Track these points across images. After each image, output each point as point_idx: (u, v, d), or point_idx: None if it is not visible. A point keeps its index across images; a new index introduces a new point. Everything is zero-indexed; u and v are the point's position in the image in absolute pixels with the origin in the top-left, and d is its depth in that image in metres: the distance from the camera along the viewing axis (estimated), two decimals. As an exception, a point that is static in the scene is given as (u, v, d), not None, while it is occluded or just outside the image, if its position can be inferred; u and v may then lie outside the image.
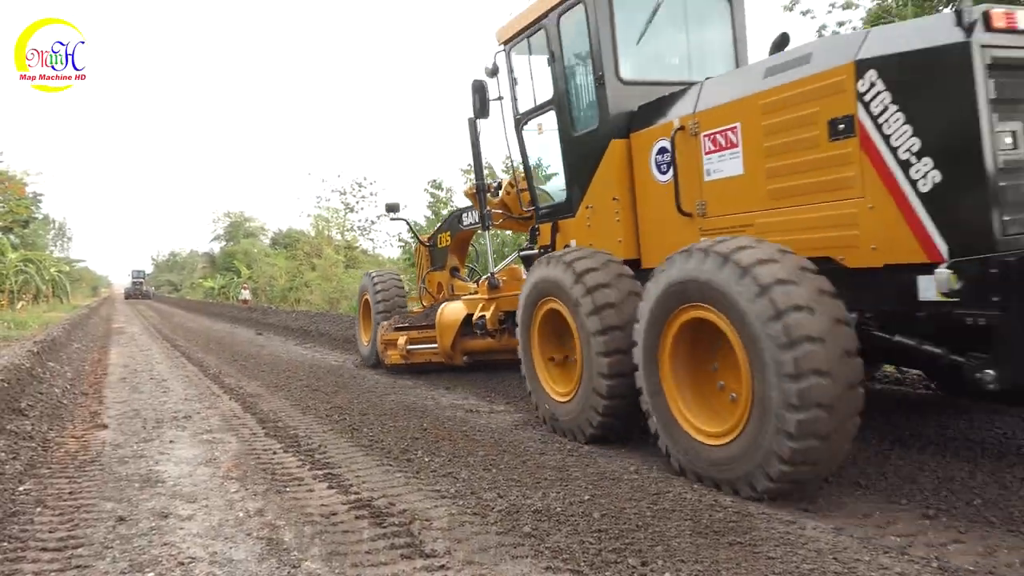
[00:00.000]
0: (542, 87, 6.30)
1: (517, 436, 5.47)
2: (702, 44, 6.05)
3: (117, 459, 5.13)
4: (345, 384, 8.45)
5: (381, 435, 5.62)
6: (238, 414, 6.82)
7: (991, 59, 3.37)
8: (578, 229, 6.04)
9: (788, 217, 4.24)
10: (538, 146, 6.59)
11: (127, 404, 7.52)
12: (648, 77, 5.69)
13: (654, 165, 5.25)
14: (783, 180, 4.24)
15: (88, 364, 11.38)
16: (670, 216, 5.05)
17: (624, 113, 5.49)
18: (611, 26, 5.47)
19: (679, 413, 4.23)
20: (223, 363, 11.29)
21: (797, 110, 4.10)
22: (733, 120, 4.54)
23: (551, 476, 4.34)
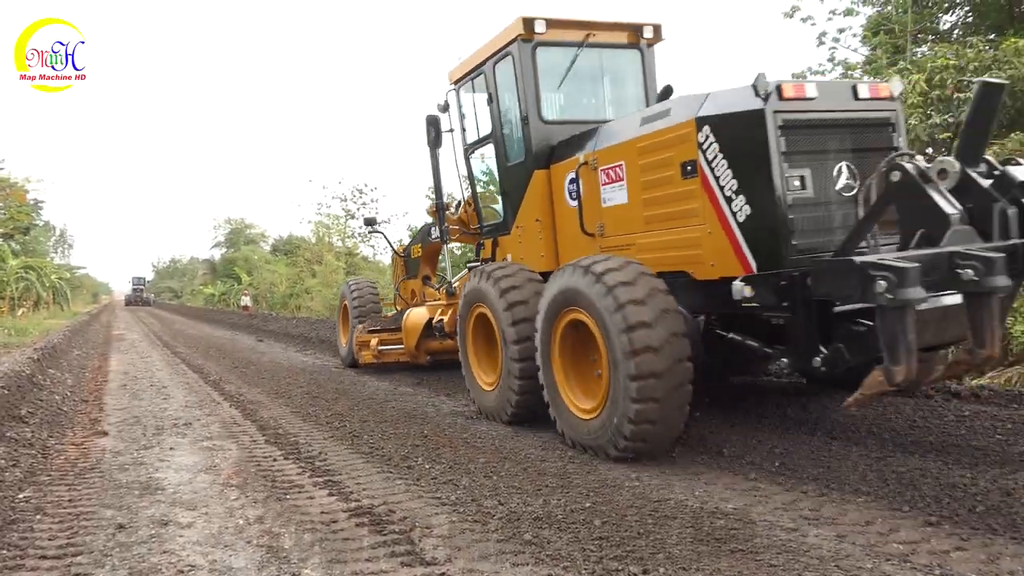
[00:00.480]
0: (484, 122, 7.32)
1: (518, 443, 5.47)
2: (616, 89, 7.09)
3: (117, 466, 5.12)
4: (346, 391, 8.44)
5: (381, 442, 5.61)
6: (238, 421, 6.82)
7: (783, 121, 4.35)
8: (512, 245, 7.10)
9: (657, 239, 5.26)
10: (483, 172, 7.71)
11: (127, 411, 7.51)
12: (567, 118, 6.72)
13: (567, 193, 6.28)
14: (653, 209, 5.26)
15: (88, 371, 11.37)
16: (578, 236, 6.07)
17: (545, 148, 6.53)
18: (534, 74, 6.50)
19: (566, 396, 5.28)
20: (223, 370, 11.29)
21: (660, 153, 5.09)
22: (620, 159, 5.55)
23: (552, 483, 4.33)
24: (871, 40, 15.08)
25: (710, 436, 5.31)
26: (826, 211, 4.51)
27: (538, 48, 6.53)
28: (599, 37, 6.78)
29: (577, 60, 6.68)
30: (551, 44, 6.59)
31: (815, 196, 4.48)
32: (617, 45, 6.93)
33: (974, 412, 5.47)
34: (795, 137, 4.44)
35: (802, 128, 4.47)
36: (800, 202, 4.43)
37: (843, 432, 5.19)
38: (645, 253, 5.32)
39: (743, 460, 4.74)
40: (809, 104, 4.48)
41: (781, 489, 4.13)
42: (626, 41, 6.93)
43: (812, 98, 4.49)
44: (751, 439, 5.14)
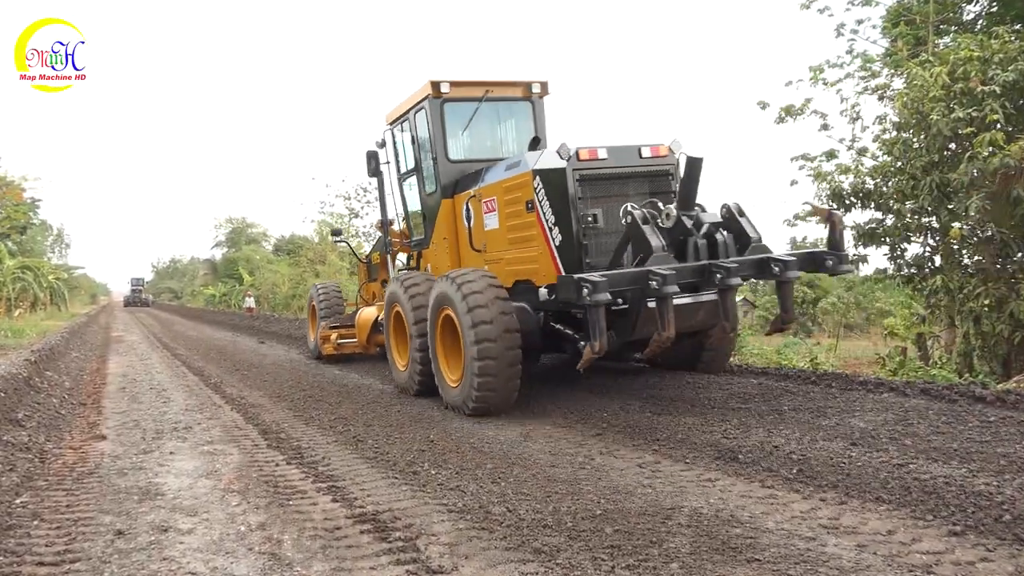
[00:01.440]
0: (410, 158, 9.36)
1: (527, 449, 5.46)
2: (512, 133, 9.05)
3: (116, 471, 5.14)
4: (350, 394, 8.46)
5: (386, 447, 5.62)
6: (240, 425, 6.84)
7: (579, 176, 6.49)
8: (431, 257, 9.19)
9: (515, 255, 7.19)
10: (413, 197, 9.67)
11: (126, 415, 7.55)
12: (470, 157, 8.65)
13: (464, 218, 8.17)
14: (511, 234, 7.20)
15: (86, 373, 11.43)
16: (471, 252, 8.02)
17: (451, 182, 8.48)
18: (442, 125, 8.49)
19: (444, 371, 7.31)
20: (224, 372, 11.32)
21: (515, 193, 7.01)
22: (493, 195, 7.46)
23: (562, 490, 4.33)
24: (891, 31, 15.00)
25: (724, 441, 5.30)
26: (614, 238, 6.40)
27: (445, 103, 8.50)
28: (496, 92, 8.78)
29: (479, 111, 8.71)
30: (456, 100, 8.55)
31: (605, 227, 6.53)
32: (511, 99, 8.96)
33: (1000, 417, 5.43)
34: (589, 186, 6.58)
35: (594, 180, 6.61)
36: (592, 232, 6.53)
37: (863, 438, 5.17)
38: (508, 266, 7.31)
39: (759, 466, 4.72)
40: (601, 163, 6.62)
41: (799, 497, 4.11)
42: (519, 95, 8.95)
43: (603, 159, 6.63)
44: (767, 444, 5.12)
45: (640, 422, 6.13)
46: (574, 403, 7.10)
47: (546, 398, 7.46)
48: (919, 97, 9.95)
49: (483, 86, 8.68)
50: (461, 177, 8.41)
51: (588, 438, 5.79)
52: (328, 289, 13.39)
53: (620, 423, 6.17)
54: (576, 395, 7.50)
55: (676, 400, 6.88)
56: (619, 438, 5.73)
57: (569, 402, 7.17)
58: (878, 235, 11.06)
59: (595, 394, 7.50)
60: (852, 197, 11.26)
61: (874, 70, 14.57)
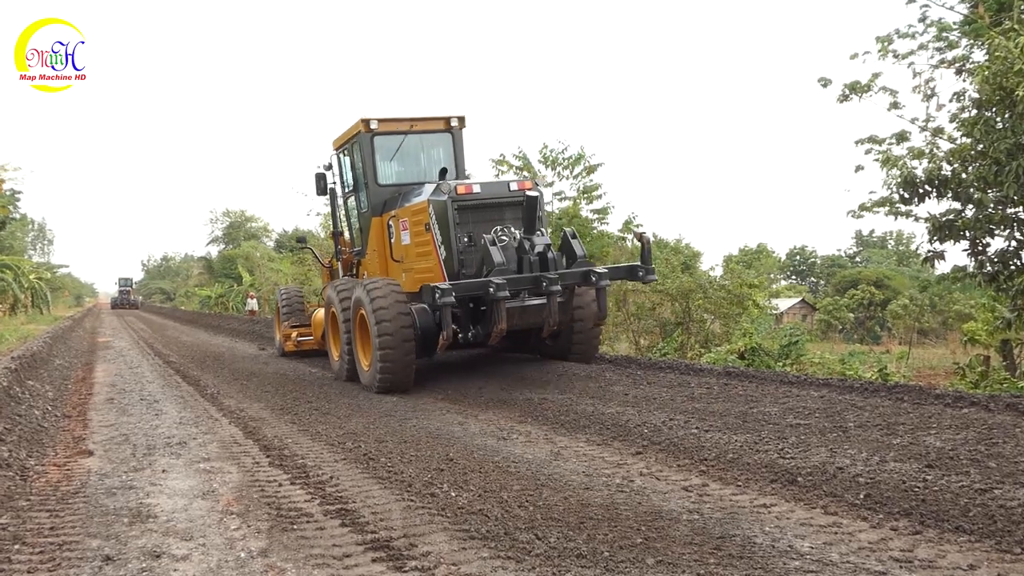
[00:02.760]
0: (350, 180, 12.45)
1: (558, 468, 5.46)
2: (434, 160, 11.72)
3: (104, 490, 5.22)
4: (360, 407, 8.51)
5: (401, 465, 5.65)
6: (239, 440, 6.91)
7: (457, 205, 9.30)
8: (367, 266, 12.26)
9: (419, 266, 10.07)
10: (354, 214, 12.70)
11: (115, 428, 7.65)
12: (397, 182, 11.51)
13: (388, 234, 11.19)
14: (416, 249, 10.13)
15: (71, 383, 11.61)
16: (392, 262, 11.08)
17: (380, 203, 11.42)
18: (372, 155, 11.36)
19: (360, 358, 10.35)
20: (222, 382, 11.45)
21: (417, 216, 9.96)
22: (405, 216, 10.45)
23: (597, 515, 4.32)
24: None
25: (780, 462, 5.25)
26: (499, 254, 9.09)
27: (375, 137, 11.31)
28: (420, 126, 11.58)
29: (405, 142, 11.57)
30: (384, 133, 11.36)
31: (478, 246, 9.38)
32: (434, 131, 11.71)
33: None
34: (465, 214, 9.47)
35: (471, 208, 9.51)
36: (469, 249, 9.47)
37: (940, 459, 5.09)
38: (416, 274, 10.19)
39: (821, 490, 4.67)
40: (476, 195, 9.50)
41: (867, 525, 4.06)
42: (441, 128, 11.67)
43: (477, 192, 9.51)
44: (830, 466, 5.07)
45: (685, 439, 6.11)
46: (610, 418, 7.09)
47: (578, 412, 7.46)
48: (1003, 71, 9.79)
49: (408, 121, 11.53)
50: (388, 199, 11.33)
51: (627, 457, 5.78)
52: (290, 292, 16.90)
53: (662, 440, 6.15)
54: (612, 409, 7.49)
55: (725, 415, 6.84)
56: (661, 457, 5.71)
57: (605, 417, 7.16)
58: (956, 228, 10.88)
59: (633, 408, 7.48)
60: (926, 185, 11.09)
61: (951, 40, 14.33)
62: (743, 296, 17.97)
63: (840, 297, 52.08)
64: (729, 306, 17.85)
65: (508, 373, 10.27)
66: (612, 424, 6.86)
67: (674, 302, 17.90)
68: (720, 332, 18.06)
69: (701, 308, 17.86)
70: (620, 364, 10.38)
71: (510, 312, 8.92)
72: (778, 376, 8.60)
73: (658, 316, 18.46)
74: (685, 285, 17.59)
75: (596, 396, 8.24)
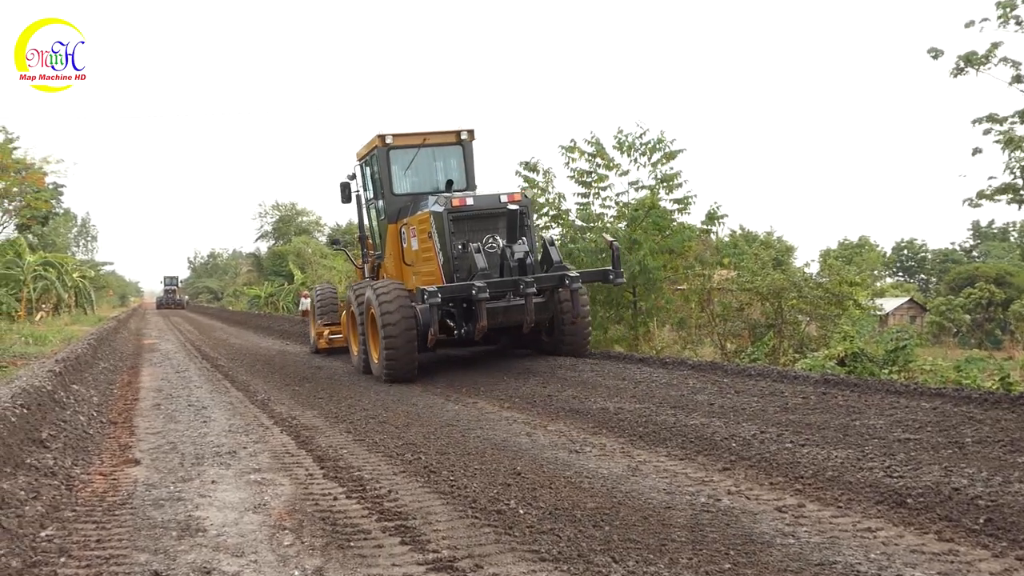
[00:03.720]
0: (371, 189, 14.73)
1: (636, 484, 5.43)
2: (446, 171, 13.95)
3: (151, 501, 5.38)
4: (420, 416, 8.60)
5: (464, 479, 5.69)
6: (291, 450, 7.05)
7: (452, 216, 11.63)
8: (385, 268, 14.50)
9: (425, 269, 12.36)
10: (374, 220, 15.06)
11: (162, 436, 7.89)
12: (412, 191, 13.76)
13: (401, 239, 13.48)
14: (422, 254, 12.48)
15: (117, 387, 12.01)
16: (404, 265, 13.34)
17: (395, 211, 13.69)
18: (388, 167, 13.65)
19: (372, 352, 12.55)
20: (273, 387, 11.71)
21: (422, 225, 12.31)
22: (414, 224, 12.75)
23: (681, 537, 4.29)
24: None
25: (887, 481, 5.13)
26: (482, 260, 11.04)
27: (390, 151, 13.66)
28: (432, 140, 13.86)
29: (419, 154, 13.85)
30: (399, 147, 13.70)
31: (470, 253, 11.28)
32: (445, 144, 13.93)
33: None
34: (459, 224, 11.60)
35: (465, 219, 11.63)
36: (458, 256, 11.54)
37: (1073, 479, 4.91)
38: (422, 277, 12.40)
39: (934, 513, 4.56)
40: (469, 208, 11.62)
41: (988, 554, 3.95)
42: (452, 141, 13.89)
43: (470, 205, 11.62)
44: (944, 486, 4.94)
45: (779, 454, 6.02)
46: (694, 430, 7.03)
47: (658, 424, 7.41)
48: None
49: (421, 136, 13.78)
50: (402, 207, 13.63)
51: (712, 473, 5.72)
52: (324, 291, 19.08)
53: (752, 455, 6.07)
54: (696, 420, 7.42)
55: (823, 427, 6.72)
56: (752, 474, 5.64)
57: (688, 429, 7.10)
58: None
59: (719, 418, 7.40)
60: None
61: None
62: (843, 295, 17.59)
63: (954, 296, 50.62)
64: (827, 306, 17.49)
65: (575, 380, 10.26)
66: (696, 437, 6.79)
67: (764, 302, 17.63)
68: (817, 335, 17.72)
69: (795, 308, 17.55)
70: (704, 371, 10.28)
71: (494, 311, 11.19)
72: (884, 385, 8.40)
73: (746, 317, 18.21)
74: (777, 283, 17.31)
75: (677, 406, 8.18)
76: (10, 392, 7.79)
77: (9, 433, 6.19)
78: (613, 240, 12.11)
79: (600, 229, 17.93)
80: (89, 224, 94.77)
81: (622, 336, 18.11)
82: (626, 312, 17.99)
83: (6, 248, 36.32)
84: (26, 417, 7.03)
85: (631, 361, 11.81)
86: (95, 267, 67.78)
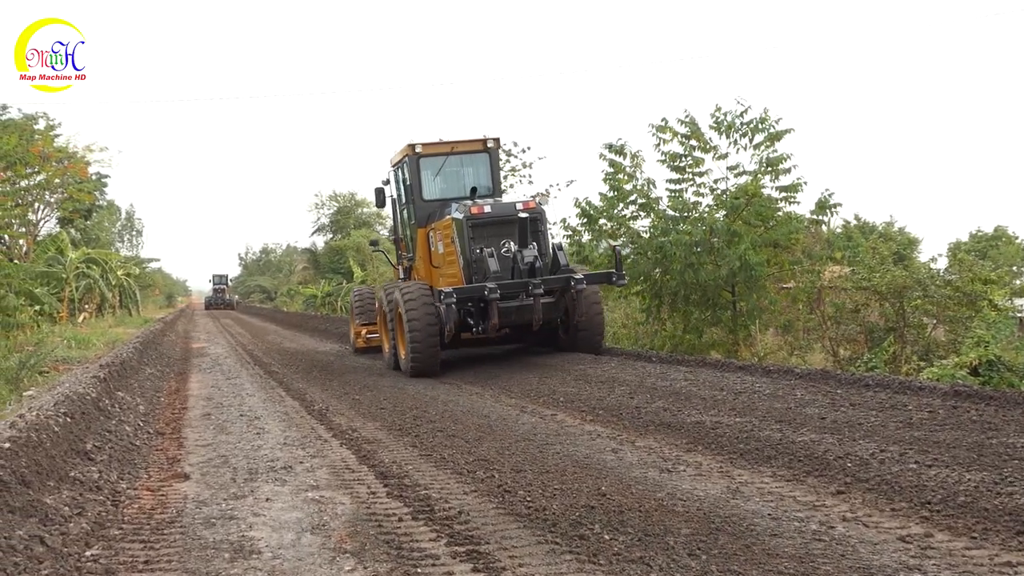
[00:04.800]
0: (403, 195, 17.08)
1: (737, 508, 5.38)
2: (473, 177, 16.38)
3: (202, 520, 5.52)
4: (493, 428, 8.64)
5: (543, 500, 5.69)
6: (352, 466, 7.16)
7: (471, 223, 14.35)
8: (417, 269, 16.84)
9: (449, 271, 15.12)
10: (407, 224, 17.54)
11: (212, 448, 8.09)
12: (440, 197, 16.13)
13: (430, 244, 16.13)
14: (447, 257, 15.24)
15: (164, 395, 12.35)
16: (431, 267, 16.09)
17: (424, 216, 16.20)
18: (418, 174, 16.18)
19: (400, 348, 14.93)
20: (331, 396, 11.90)
21: (447, 231, 15.05)
22: (440, 229, 15.53)
23: (788, 569, 4.24)
24: None
25: (1032, 508, 4.97)
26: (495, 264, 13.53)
27: (420, 159, 16.05)
28: (460, 148, 16.33)
29: (447, 161, 16.29)
30: (429, 155, 16.09)
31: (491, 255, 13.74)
32: (472, 151, 16.47)
33: None
34: (478, 230, 14.29)
35: (483, 225, 14.30)
36: (476, 259, 14.06)
37: None
38: (447, 279, 14.77)
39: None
40: (487, 215, 14.20)
41: None
42: (479, 148, 16.41)
43: (488, 212, 14.19)
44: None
45: (901, 476, 5.89)
46: (802, 447, 6.92)
47: (762, 440, 7.31)
48: None
49: (449, 144, 16.30)
50: (432, 212, 16.01)
51: (825, 497, 5.62)
52: (363, 292, 21.64)
53: (871, 477, 5.95)
54: (805, 437, 7.31)
55: (954, 446, 6.55)
56: (870, 498, 5.53)
57: (795, 446, 6.99)
58: None
59: (832, 434, 7.27)
60: None
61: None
62: (976, 294, 17.06)
63: (1110, 296, 48.73)
64: (957, 307, 16.99)
65: (667, 390, 10.20)
66: (805, 455, 6.69)
67: (883, 302, 17.21)
68: (945, 340, 17.23)
69: (919, 310, 17.08)
70: (814, 380, 10.11)
71: (507, 310, 13.57)
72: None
73: (863, 320, 17.82)
74: (898, 280, 16.87)
75: (784, 420, 8.06)
76: (53, 400, 8.08)
77: (52, 444, 6.42)
78: (616, 244, 15.88)
79: (695, 220, 17.77)
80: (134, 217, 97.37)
81: (719, 341, 17.92)
82: (724, 314, 17.82)
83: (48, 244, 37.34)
84: (70, 427, 7.28)
85: (730, 369, 11.70)
86: (140, 264, 69.66)
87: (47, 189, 36.07)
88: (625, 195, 18.43)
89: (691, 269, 17.04)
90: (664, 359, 13.48)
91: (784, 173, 17.35)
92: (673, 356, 14.00)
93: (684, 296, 17.79)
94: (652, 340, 18.68)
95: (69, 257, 36.89)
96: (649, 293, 18.74)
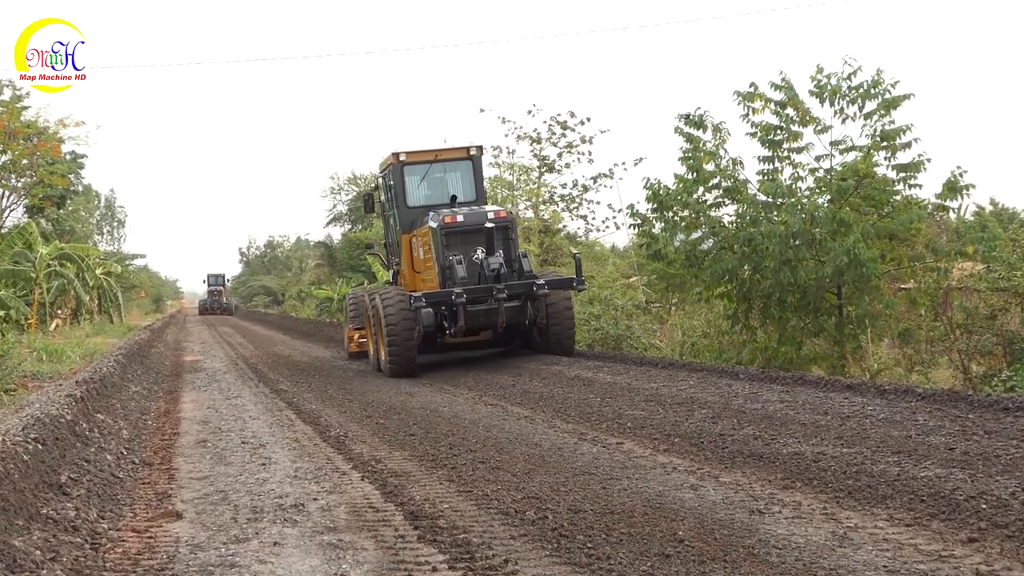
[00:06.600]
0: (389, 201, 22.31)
1: (845, 559, 5.34)
2: (456, 184, 21.16)
3: (197, 568, 5.56)
4: (545, 459, 8.62)
5: (607, 547, 5.68)
6: (375, 504, 7.18)
7: (444, 232, 18.98)
8: (402, 274, 21.75)
9: (427, 277, 20.18)
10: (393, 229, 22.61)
11: (209, 482, 8.15)
12: (424, 203, 20.82)
13: (412, 249, 21.13)
14: (426, 263, 20.26)
15: (152, 417, 12.47)
16: (414, 272, 21.12)
17: (408, 222, 20.99)
18: (402, 182, 20.91)
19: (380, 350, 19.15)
20: (350, 420, 11.94)
21: (425, 238, 19.97)
22: (420, 236, 20.52)
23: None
24: None
25: None
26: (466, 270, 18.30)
27: (404, 167, 20.52)
28: (443, 156, 20.92)
29: (432, 169, 20.95)
30: (413, 163, 20.65)
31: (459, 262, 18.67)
32: (456, 159, 20.94)
33: None
34: (451, 238, 18.82)
35: (456, 234, 18.81)
36: (449, 265, 18.54)
37: None
38: (426, 284, 19.76)
39: None
40: (459, 223, 18.66)
41: None
42: (462, 156, 20.82)
43: (460, 221, 18.64)
44: None
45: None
46: (925, 485, 6.81)
47: (874, 475, 7.25)
48: None
49: (433, 152, 20.58)
50: (415, 219, 20.06)
51: (954, 545, 5.55)
52: (357, 296, 24.23)
53: (1012, 521, 5.85)
54: (928, 472, 7.20)
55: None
56: (1011, 548, 5.43)
57: (916, 483, 6.88)
58: None
59: (962, 469, 7.16)
60: None
61: None
62: None
63: None
64: (1124, 313, 16.74)
65: (758, 414, 10.12)
66: (929, 494, 6.60)
67: (1027, 306, 16.99)
68: (1106, 354, 16.97)
69: (1073, 316, 16.84)
70: (940, 402, 9.98)
71: (475, 313, 17.74)
72: None
73: (1000, 328, 17.55)
74: (1046, 280, 16.65)
75: (902, 451, 7.97)
76: (21, 423, 8.15)
77: (21, 476, 6.48)
78: (576, 252, 20.99)
79: (792, 206, 17.56)
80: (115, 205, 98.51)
81: (822, 354, 17.74)
82: (828, 321, 17.59)
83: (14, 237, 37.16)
84: (41, 455, 7.36)
85: (835, 388, 11.58)
86: (122, 261, 70.18)
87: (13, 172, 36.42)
88: (706, 177, 18.26)
89: (787, 266, 16.75)
90: (754, 376, 13.39)
91: (903, 148, 17.08)
92: (765, 372, 13.90)
93: (779, 299, 17.59)
94: (739, 353, 18.51)
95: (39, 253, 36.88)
96: (736, 296, 18.56)
